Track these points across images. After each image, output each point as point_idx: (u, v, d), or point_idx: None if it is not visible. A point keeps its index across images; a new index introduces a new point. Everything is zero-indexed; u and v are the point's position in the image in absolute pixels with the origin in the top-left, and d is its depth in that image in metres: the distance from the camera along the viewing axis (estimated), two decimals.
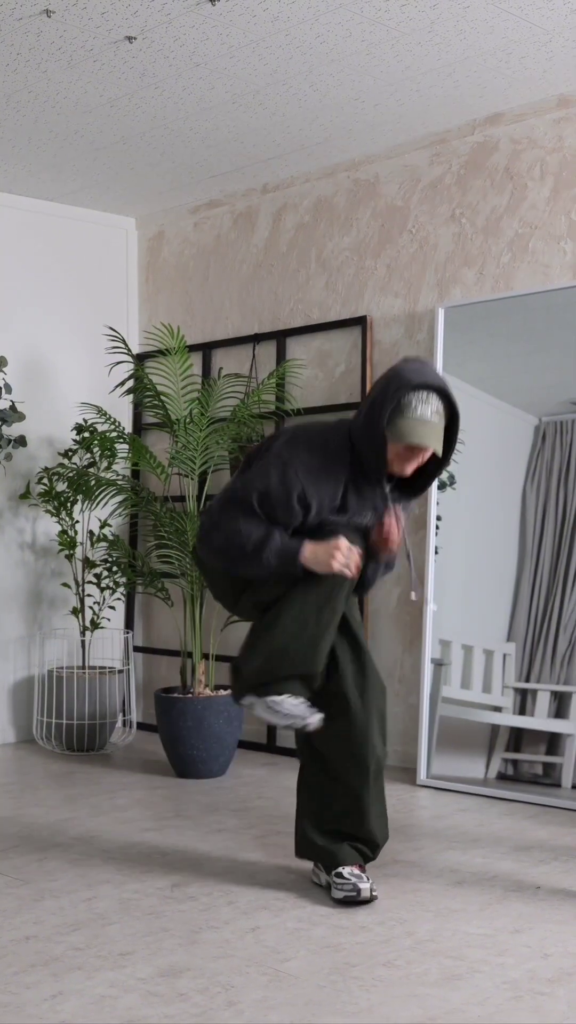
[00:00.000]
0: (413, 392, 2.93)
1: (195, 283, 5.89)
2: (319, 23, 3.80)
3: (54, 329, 5.81)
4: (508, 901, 3.20)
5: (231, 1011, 2.49)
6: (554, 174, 4.51)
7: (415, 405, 2.92)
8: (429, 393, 2.95)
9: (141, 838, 3.87)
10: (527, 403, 4.48)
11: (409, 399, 2.93)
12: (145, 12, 3.71)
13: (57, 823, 4.06)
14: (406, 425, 2.92)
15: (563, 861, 3.57)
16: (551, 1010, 2.49)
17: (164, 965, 2.75)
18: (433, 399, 2.95)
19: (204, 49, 3.99)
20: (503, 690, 4.44)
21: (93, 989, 2.61)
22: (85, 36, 3.87)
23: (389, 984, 2.63)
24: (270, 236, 5.52)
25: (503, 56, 4.08)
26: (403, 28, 3.84)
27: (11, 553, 5.64)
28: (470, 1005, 2.52)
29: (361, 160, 5.15)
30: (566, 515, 4.36)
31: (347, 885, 3.13)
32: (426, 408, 2.93)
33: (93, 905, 3.19)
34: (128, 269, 6.14)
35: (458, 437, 3.05)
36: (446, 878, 3.41)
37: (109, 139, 4.89)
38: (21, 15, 3.72)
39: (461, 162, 4.81)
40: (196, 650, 4.95)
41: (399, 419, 2.93)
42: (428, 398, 2.94)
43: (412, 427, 2.91)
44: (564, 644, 4.30)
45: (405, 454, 2.98)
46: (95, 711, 5.32)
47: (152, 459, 5.19)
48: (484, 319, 4.64)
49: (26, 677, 5.68)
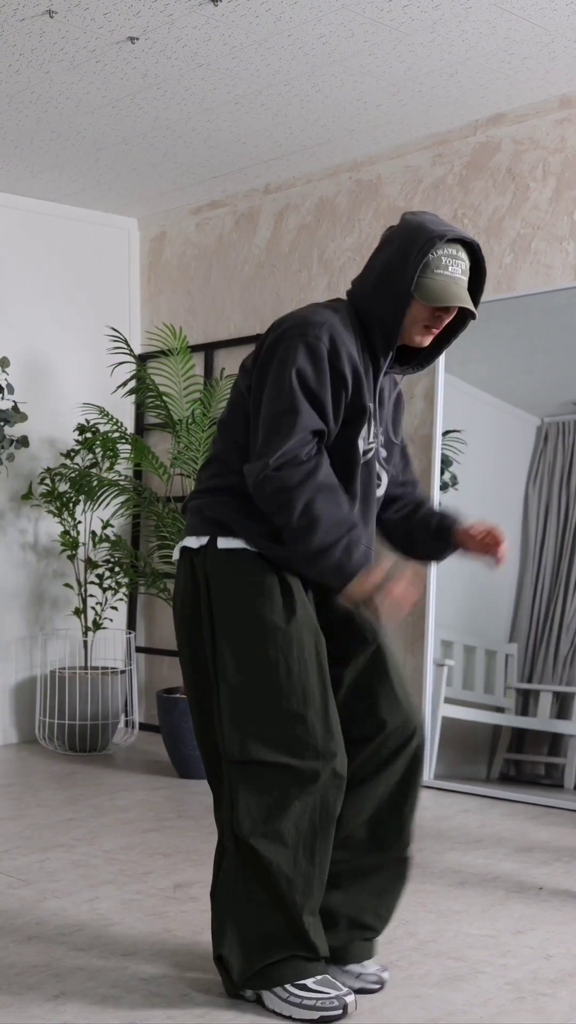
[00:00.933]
0: (443, 246, 2.46)
1: (197, 284, 5.89)
2: (321, 23, 3.80)
3: (56, 330, 5.81)
4: (510, 902, 3.20)
5: (233, 1012, 2.49)
6: (556, 175, 4.51)
7: (445, 263, 2.46)
8: (459, 248, 2.48)
9: (143, 839, 3.87)
10: (529, 404, 4.48)
11: (439, 255, 2.46)
12: (147, 13, 3.71)
13: (59, 823, 4.06)
14: (436, 285, 2.45)
15: (565, 862, 3.57)
16: (554, 1011, 2.49)
17: (166, 966, 2.75)
18: (462, 254, 2.49)
19: (206, 50, 3.99)
20: (505, 691, 4.44)
21: (96, 990, 2.61)
22: (87, 37, 3.87)
23: (391, 985, 2.63)
24: (272, 237, 5.52)
25: (505, 57, 4.07)
26: (405, 29, 3.84)
27: (13, 554, 5.65)
28: (472, 1006, 2.52)
29: (363, 161, 5.15)
30: (568, 516, 4.36)
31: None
32: (457, 266, 2.47)
33: (95, 906, 3.19)
34: (130, 269, 6.14)
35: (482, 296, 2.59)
36: (448, 879, 3.41)
37: (111, 140, 4.89)
38: (23, 16, 3.72)
39: (463, 163, 4.81)
40: None
41: (427, 278, 2.45)
42: (458, 253, 2.48)
43: (444, 286, 2.45)
44: (566, 645, 4.30)
45: (429, 319, 2.50)
46: (97, 711, 5.32)
47: (154, 460, 5.19)
48: (486, 320, 4.64)
49: (28, 678, 5.68)
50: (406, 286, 2.45)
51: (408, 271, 2.45)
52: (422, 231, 2.46)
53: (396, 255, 2.48)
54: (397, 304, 2.48)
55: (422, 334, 2.53)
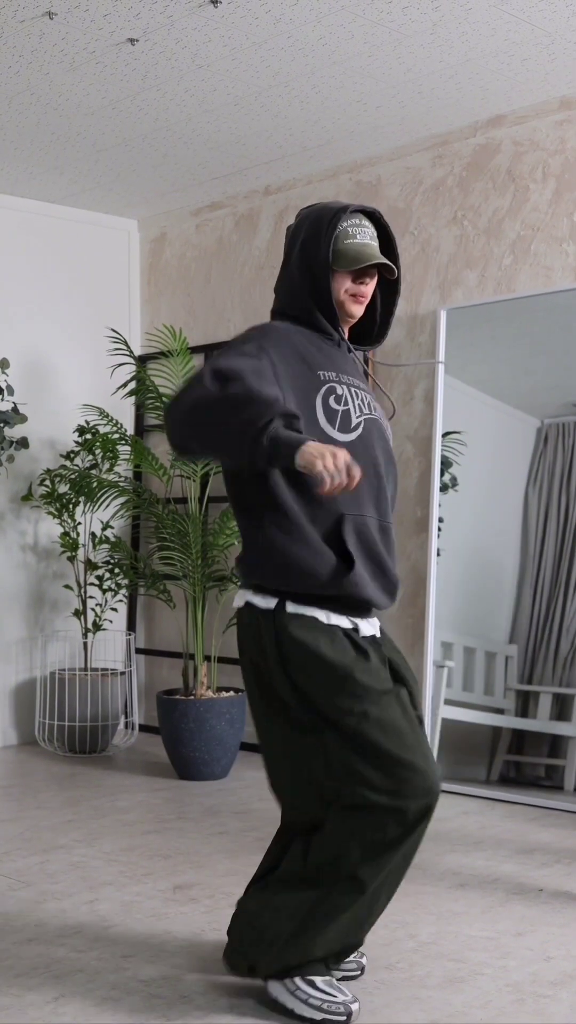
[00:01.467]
0: (347, 217, 2.56)
1: (197, 285, 5.89)
2: (321, 25, 3.80)
3: (56, 331, 5.81)
4: (511, 904, 3.20)
5: (233, 1014, 2.49)
6: (556, 176, 4.51)
7: (353, 232, 2.56)
8: (361, 217, 2.59)
9: (143, 840, 3.87)
10: (529, 405, 4.48)
11: (344, 227, 2.55)
12: (147, 14, 3.71)
13: (59, 825, 4.06)
14: (350, 251, 2.54)
15: (566, 864, 3.56)
16: (554, 1013, 2.49)
17: (166, 967, 2.74)
18: (366, 222, 2.60)
19: (206, 51, 3.99)
20: (505, 692, 4.44)
21: (95, 991, 2.61)
22: (87, 38, 3.87)
23: (391, 987, 2.62)
24: (272, 238, 5.52)
25: (505, 58, 4.08)
26: (405, 30, 3.84)
27: (13, 555, 5.64)
28: (472, 1008, 2.51)
29: (363, 162, 5.15)
30: (568, 517, 4.35)
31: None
32: (364, 232, 2.57)
33: (95, 907, 3.18)
34: (130, 271, 6.14)
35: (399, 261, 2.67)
36: (448, 881, 3.40)
37: (111, 141, 4.89)
38: (23, 17, 3.72)
39: (463, 164, 4.81)
40: (198, 652, 4.95)
41: (340, 248, 2.54)
42: (362, 221, 2.59)
43: (357, 251, 2.54)
44: (566, 646, 4.30)
45: (354, 287, 2.57)
46: (97, 713, 5.32)
47: (154, 461, 5.19)
48: (486, 321, 4.64)
49: (28, 679, 5.68)
50: (324, 259, 2.54)
51: (322, 247, 2.54)
52: (324, 211, 2.57)
53: (308, 240, 2.57)
54: (322, 279, 2.55)
55: (351, 303, 2.59)
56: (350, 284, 2.57)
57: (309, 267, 2.57)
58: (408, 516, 4.95)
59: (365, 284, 2.58)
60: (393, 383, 5.00)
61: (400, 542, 4.97)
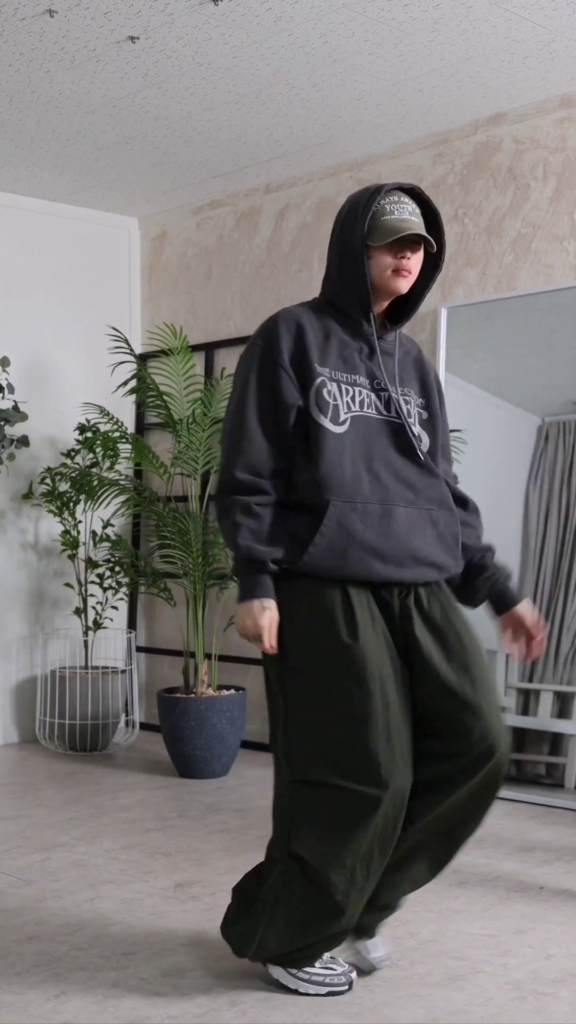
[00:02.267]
0: (384, 195, 2.56)
1: (198, 283, 5.89)
2: (322, 23, 3.80)
3: (57, 329, 5.81)
4: (511, 901, 3.20)
5: (234, 1011, 2.49)
6: (557, 174, 4.51)
7: (390, 208, 2.55)
8: (400, 194, 2.58)
9: (144, 838, 3.87)
10: (530, 403, 4.48)
11: (382, 204, 2.55)
12: (148, 12, 3.71)
13: (60, 823, 4.06)
14: (387, 225, 2.53)
15: (566, 861, 3.57)
16: (554, 1011, 2.49)
17: (167, 965, 2.75)
18: (406, 198, 2.58)
19: (207, 49, 3.99)
20: (506, 690, 4.44)
21: (96, 989, 2.61)
22: (88, 36, 3.87)
23: (392, 985, 2.63)
24: (272, 236, 5.52)
25: (506, 56, 4.07)
26: (406, 28, 3.84)
27: (14, 553, 5.65)
28: (473, 1006, 2.51)
29: (364, 160, 5.15)
30: (569, 515, 4.35)
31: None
32: (403, 208, 2.56)
33: (96, 905, 3.19)
34: (131, 269, 6.14)
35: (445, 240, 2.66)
36: (449, 878, 3.41)
37: (112, 139, 4.89)
38: (24, 15, 3.72)
39: (464, 162, 4.80)
40: (199, 650, 4.95)
41: (377, 225, 2.54)
42: (401, 198, 2.58)
43: (394, 224, 2.53)
44: (567, 644, 4.30)
45: (394, 262, 2.56)
46: (98, 711, 5.32)
47: (155, 459, 5.19)
48: (487, 319, 4.64)
49: (29, 677, 5.68)
50: (360, 238, 2.54)
51: (358, 227, 2.54)
52: (363, 193, 2.58)
53: (347, 222, 2.59)
54: (358, 259, 2.55)
55: (394, 279, 2.57)
56: (391, 259, 2.55)
57: (348, 248, 2.57)
58: None
59: (407, 258, 2.56)
60: None
61: None
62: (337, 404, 2.55)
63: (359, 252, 2.55)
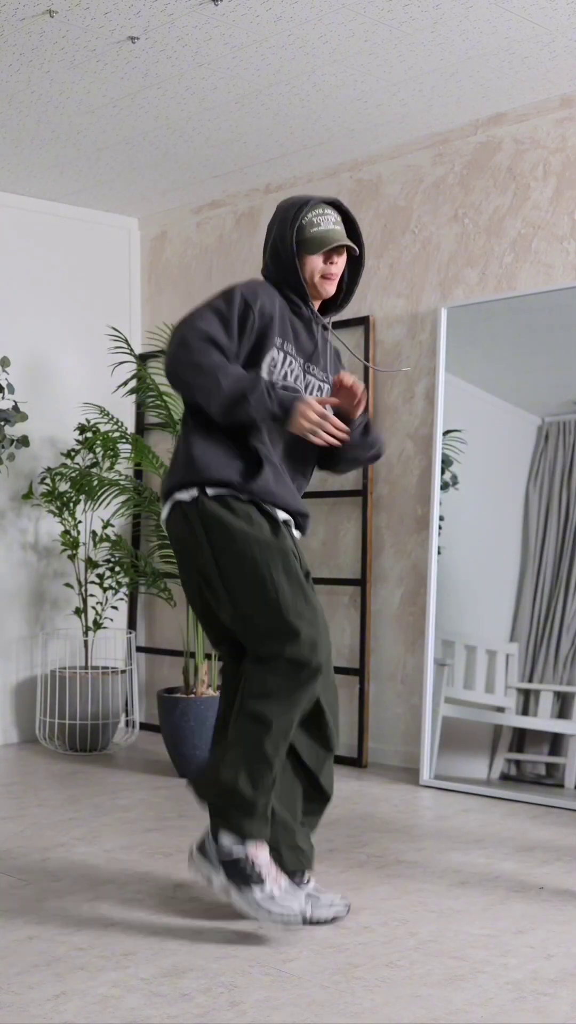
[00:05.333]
0: (310, 209, 2.99)
1: (198, 283, 5.89)
2: (322, 23, 3.80)
3: (57, 329, 5.81)
4: (511, 902, 3.20)
5: (234, 1011, 2.49)
6: (557, 174, 4.51)
7: (316, 220, 2.98)
8: (324, 207, 3.01)
9: (144, 838, 3.87)
10: (530, 403, 4.48)
11: (309, 217, 2.98)
12: (148, 12, 3.71)
13: (60, 823, 4.06)
14: (316, 236, 2.97)
15: (566, 862, 3.57)
16: (554, 1011, 2.49)
17: (167, 965, 2.75)
18: (329, 210, 3.01)
19: (207, 49, 3.99)
20: (506, 690, 4.44)
21: (96, 989, 2.61)
22: (88, 36, 3.87)
23: (392, 985, 2.63)
24: None
25: (506, 56, 4.07)
26: (406, 28, 3.84)
27: (14, 553, 5.65)
28: (473, 1006, 2.51)
29: (364, 160, 5.15)
30: (569, 515, 4.35)
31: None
32: (327, 219, 3.00)
33: (96, 905, 3.19)
34: (131, 269, 6.14)
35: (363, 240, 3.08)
36: (449, 879, 3.41)
37: (112, 139, 4.89)
38: (24, 15, 3.72)
39: (464, 162, 4.80)
40: (199, 650, 4.95)
41: (306, 236, 2.97)
42: (325, 210, 3.01)
43: (322, 235, 2.97)
44: (567, 644, 4.30)
45: (324, 268, 3.00)
46: (98, 711, 5.32)
47: (155, 459, 5.19)
48: (487, 319, 4.64)
49: (29, 677, 5.68)
50: (290, 249, 2.97)
51: (287, 238, 2.97)
52: (291, 205, 3.01)
53: (277, 233, 3.01)
54: (290, 266, 2.98)
55: (323, 284, 3.02)
56: (321, 265, 3.00)
57: (281, 257, 2.99)
58: (409, 514, 4.95)
59: (334, 263, 3.01)
60: (394, 381, 5.00)
61: (400, 540, 4.98)
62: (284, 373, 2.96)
63: (292, 260, 2.97)
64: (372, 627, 5.05)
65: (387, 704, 5.01)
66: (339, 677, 5.12)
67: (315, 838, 3.21)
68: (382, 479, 5.04)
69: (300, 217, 2.96)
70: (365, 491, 5.04)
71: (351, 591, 5.14)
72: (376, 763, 5.02)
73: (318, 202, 3.00)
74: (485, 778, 4.45)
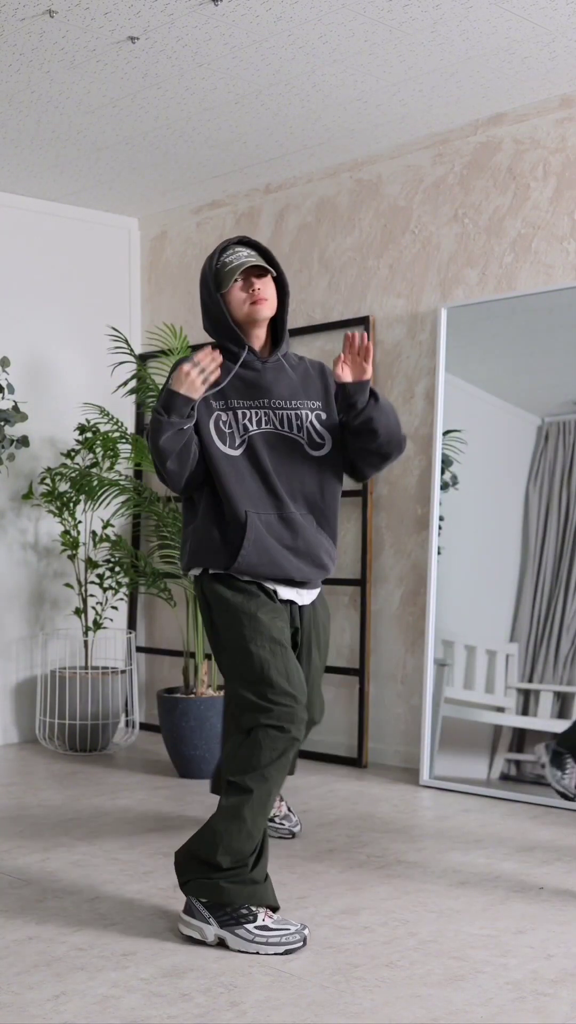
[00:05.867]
0: (219, 254, 3.09)
1: (197, 283, 5.88)
2: (322, 23, 3.80)
3: (57, 329, 5.81)
4: (511, 902, 3.20)
5: (234, 1011, 2.49)
6: (557, 174, 4.51)
7: (228, 260, 3.07)
8: (234, 247, 3.11)
9: (144, 838, 3.87)
10: (530, 403, 4.48)
11: (222, 260, 3.07)
12: (147, 12, 3.71)
13: (60, 823, 4.06)
14: (227, 269, 3.05)
15: (566, 862, 3.57)
16: (554, 1011, 2.49)
17: (167, 965, 2.75)
18: (240, 248, 3.10)
19: (207, 49, 3.99)
20: (506, 691, 4.44)
21: (96, 989, 2.61)
22: (88, 36, 3.87)
23: (392, 985, 2.63)
24: (273, 236, 5.52)
25: (506, 56, 4.07)
26: (406, 28, 3.84)
27: (14, 553, 5.65)
28: (473, 1006, 2.51)
29: (364, 160, 5.15)
30: (569, 515, 4.35)
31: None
32: (236, 255, 3.07)
33: (96, 905, 3.19)
34: (131, 269, 6.14)
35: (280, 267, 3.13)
36: (449, 879, 3.41)
37: (111, 139, 4.89)
38: (24, 15, 3.72)
39: (464, 162, 4.80)
40: (199, 650, 4.95)
41: (221, 275, 3.06)
42: (236, 248, 3.09)
43: (233, 264, 3.04)
44: (567, 644, 4.30)
45: (245, 295, 3.05)
46: (98, 711, 5.32)
47: None
48: (487, 319, 4.64)
49: (29, 677, 5.68)
50: (215, 296, 3.07)
51: (210, 287, 3.09)
52: (207, 260, 3.12)
53: (203, 291, 3.12)
54: (220, 315, 3.08)
55: (253, 308, 3.07)
56: (243, 294, 3.06)
57: (209, 304, 3.09)
58: (408, 514, 4.95)
59: (254, 287, 3.05)
60: (394, 381, 5.00)
61: (400, 540, 4.98)
62: (233, 432, 3.04)
63: (219, 307, 3.06)
64: (372, 627, 5.05)
65: (387, 704, 5.01)
66: (339, 677, 5.12)
67: (315, 837, 3.21)
68: (382, 479, 5.04)
69: (215, 264, 3.08)
70: (365, 491, 5.04)
71: (351, 591, 5.14)
72: (376, 763, 5.02)
73: (227, 244, 3.11)
74: (485, 778, 4.45)
